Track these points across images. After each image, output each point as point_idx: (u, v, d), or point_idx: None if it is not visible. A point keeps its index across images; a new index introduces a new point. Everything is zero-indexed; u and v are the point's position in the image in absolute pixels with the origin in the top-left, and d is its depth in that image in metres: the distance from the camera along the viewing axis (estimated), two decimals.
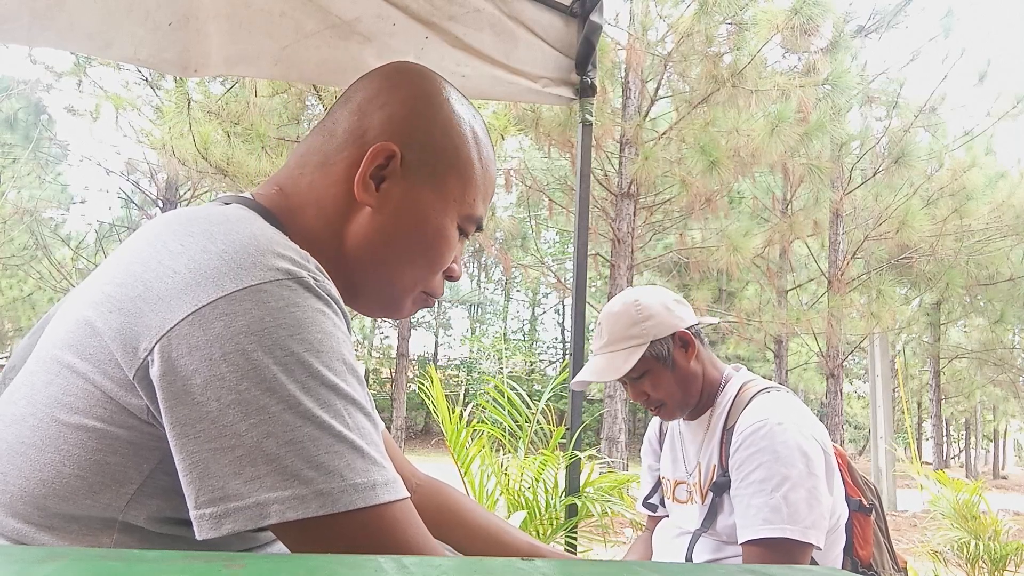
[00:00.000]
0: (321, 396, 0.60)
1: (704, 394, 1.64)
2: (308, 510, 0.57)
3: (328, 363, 0.62)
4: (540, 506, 3.14)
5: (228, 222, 0.68)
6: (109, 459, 0.62)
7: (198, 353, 0.58)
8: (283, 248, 0.66)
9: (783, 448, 1.42)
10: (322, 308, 0.64)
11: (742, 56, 9.22)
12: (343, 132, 0.82)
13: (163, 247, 0.65)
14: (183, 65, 1.85)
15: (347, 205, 0.80)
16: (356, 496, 0.59)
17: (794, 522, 1.38)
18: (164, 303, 0.60)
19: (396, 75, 0.85)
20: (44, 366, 0.66)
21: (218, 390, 0.58)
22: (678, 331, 1.59)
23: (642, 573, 0.41)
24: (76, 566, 0.35)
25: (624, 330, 1.58)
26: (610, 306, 1.65)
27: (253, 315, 0.60)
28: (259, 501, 0.57)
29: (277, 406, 0.58)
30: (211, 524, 0.57)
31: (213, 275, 0.61)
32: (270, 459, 0.57)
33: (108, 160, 21.32)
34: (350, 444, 0.61)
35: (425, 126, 0.82)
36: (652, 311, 1.59)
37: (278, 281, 0.62)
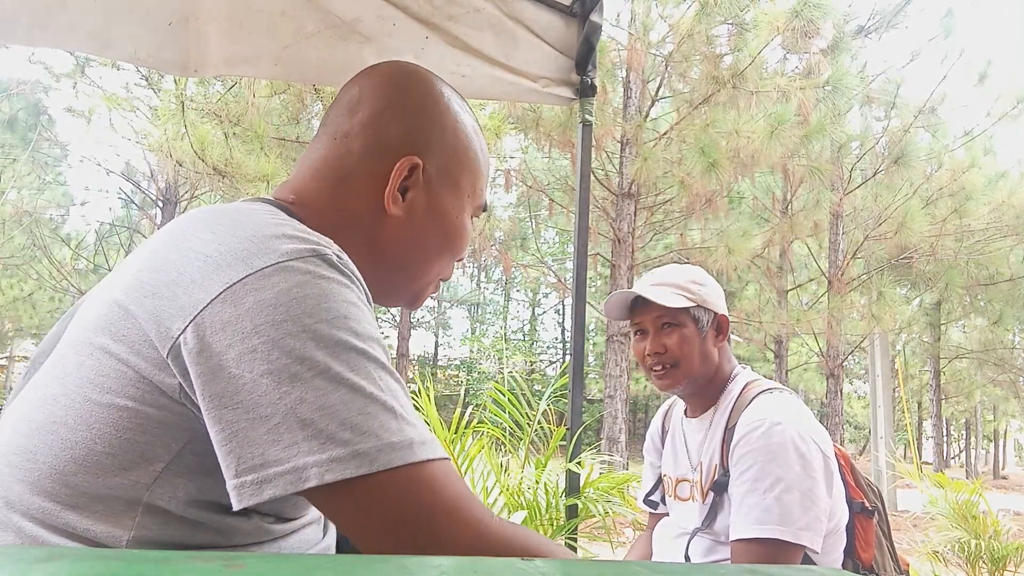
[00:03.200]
0: (351, 360, 0.62)
1: (713, 385, 1.64)
2: (346, 471, 0.58)
3: (355, 329, 0.64)
4: (540, 506, 3.13)
5: (255, 212, 0.72)
6: (139, 438, 0.63)
7: (230, 328, 0.61)
8: (306, 233, 0.69)
9: (779, 448, 1.43)
10: (346, 282, 0.67)
11: (743, 57, 9.23)
12: (361, 148, 0.83)
13: (195, 236, 0.68)
14: (183, 65, 1.85)
15: (375, 217, 0.83)
16: (394, 454, 0.60)
17: (785, 523, 1.38)
18: (196, 285, 0.63)
19: (403, 82, 0.87)
20: (75, 349, 0.68)
21: (251, 362, 0.60)
22: (721, 314, 1.64)
23: (642, 573, 0.41)
24: (76, 566, 0.35)
25: (682, 281, 1.62)
26: (678, 266, 1.70)
27: (280, 288, 0.62)
28: (297, 465, 0.58)
29: (308, 372, 0.60)
30: (252, 491, 0.58)
31: (242, 255, 0.64)
32: (305, 424, 0.59)
33: (108, 161, 21.32)
34: (382, 405, 0.62)
35: (439, 134, 0.86)
36: (710, 284, 1.65)
37: (303, 258, 0.65)
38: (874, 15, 12.73)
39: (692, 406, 1.70)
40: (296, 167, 0.87)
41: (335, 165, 0.84)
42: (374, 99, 0.85)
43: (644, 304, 1.63)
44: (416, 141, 0.84)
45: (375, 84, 0.87)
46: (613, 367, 9.99)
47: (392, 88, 0.86)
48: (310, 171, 0.85)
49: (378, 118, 0.84)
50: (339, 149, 0.84)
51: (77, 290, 14.48)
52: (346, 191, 0.83)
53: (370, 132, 0.84)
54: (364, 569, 0.38)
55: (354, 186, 0.83)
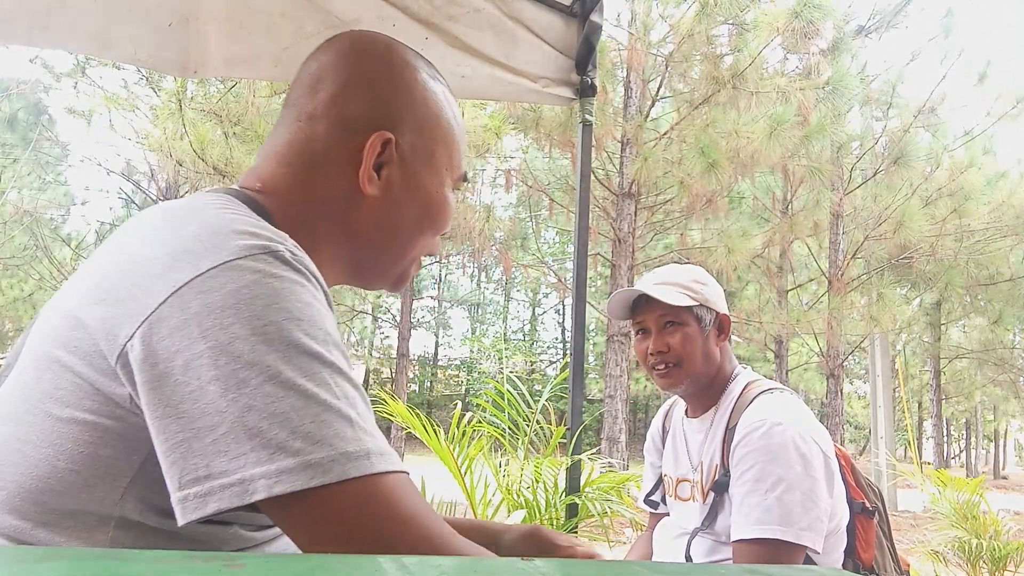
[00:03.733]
0: (303, 365, 0.58)
1: (714, 385, 1.64)
2: (297, 483, 0.55)
3: (309, 332, 0.60)
4: (540, 506, 3.14)
5: (204, 208, 0.68)
6: (101, 452, 0.61)
7: (178, 334, 0.58)
8: (257, 228, 0.65)
9: (780, 449, 1.43)
10: (299, 280, 0.63)
11: (743, 57, 9.23)
12: (327, 128, 0.79)
13: (142, 237, 0.66)
14: (183, 65, 1.85)
15: (350, 199, 0.79)
16: (349, 465, 0.57)
17: (786, 524, 1.38)
18: (143, 289, 0.60)
19: (364, 53, 0.82)
20: (35, 362, 0.66)
21: (198, 368, 0.57)
22: (723, 313, 1.65)
23: (642, 573, 0.41)
24: (76, 566, 0.35)
25: (684, 281, 1.63)
26: (678, 266, 1.71)
27: (228, 289, 0.59)
28: (244, 477, 0.55)
29: (257, 378, 0.56)
30: (196, 504, 0.55)
31: (188, 256, 0.61)
32: (253, 433, 0.55)
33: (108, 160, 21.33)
34: (337, 412, 0.58)
35: (409, 106, 0.81)
36: (711, 284, 1.67)
37: (253, 256, 0.61)
38: (874, 15, 12.73)
39: (693, 406, 1.70)
40: (260, 153, 0.83)
41: (302, 149, 0.79)
42: (335, 75, 0.80)
43: (647, 303, 1.63)
44: (385, 115, 0.80)
45: (334, 59, 0.82)
46: (613, 367, 9.99)
47: (353, 61, 0.81)
48: (276, 157, 0.80)
49: (341, 95, 0.79)
50: (304, 132, 0.80)
51: None
52: (316, 175, 0.79)
53: (335, 111, 0.79)
54: (364, 569, 0.39)
55: (324, 169, 0.79)
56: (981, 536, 4.96)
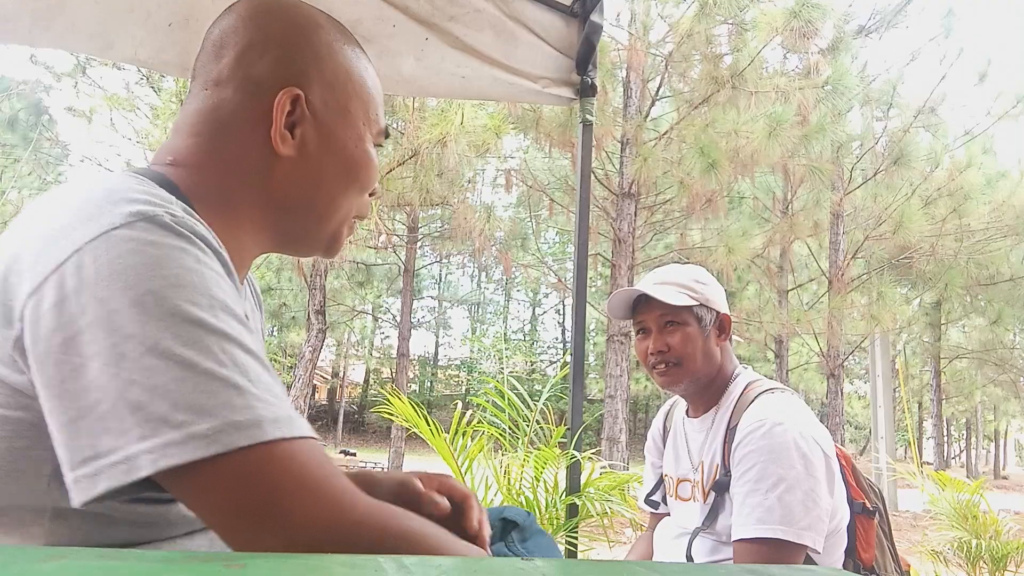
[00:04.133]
0: (184, 333, 0.56)
1: (715, 385, 1.65)
2: (183, 455, 0.53)
3: (191, 298, 0.58)
4: (540, 506, 3.14)
5: (89, 182, 0.66)
6: (16, 444, 0.60)
7: (56, 311, 0.56)
8: (137, 194, 0.63)
9: (781, 448, 1.43)
10: (181, 244, 0.60)
11: (742, 57, 9.23)
12: (233, 92, 0.77)
13: (30, 219, 0.65)
14: (183, 66, 1.85)
15: (265, 161, 0.77)
16: (237, 435, 0.55)
17: (788, 523, 1.38)
18: (30, 269, 0.59)
19: (263, 13, 0.81)
20: None
21: (78, 345, 0.55)
22: (724, 313, 1.66)
23: (642, 573, 0.41)
24: (76, 566, 0.35)
25: (684, 280, 1.64)
26: (679, 266, 1.72)
27: (102, 261, 0.57)
28: (129, 454, 0.53)
29: (136, 350, 0.55)
30: (86, 485, 0.54)
31: (66, 231, 0.59)
32: (136, 408, 0.54)
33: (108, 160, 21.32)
34: (224, 381, 0.56)
35: (314, 61, 0.80)
36: (712, 284, 1.67)
37: (129, 224, 0.59)
38: (874, 15, 12.73)
39: (694, 406, 1.70)
40: (172, 128, 0.81)
41: (210, 116, 0.77)
42: (237, 37, 0.78)
43: (647, 303, 1.64)
44: (291, 72, 0.78)
45: (236, 22, 0.80)
46: (613, 367, 9.99)
47: (255, 22, 0.79)
48: (185, 128, 0.78)
49: (245, 56, 0.77)
50: (211, 99, 0.77)
51: None
52: (227, 141, 0.77)
53: (240, 73, 0.77)
54: (365, 569, 0.39)
55: (235, 135, 0.77)
56: (981, 536, 4.96)
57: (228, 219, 0.75)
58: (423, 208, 13.32)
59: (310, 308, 10.96)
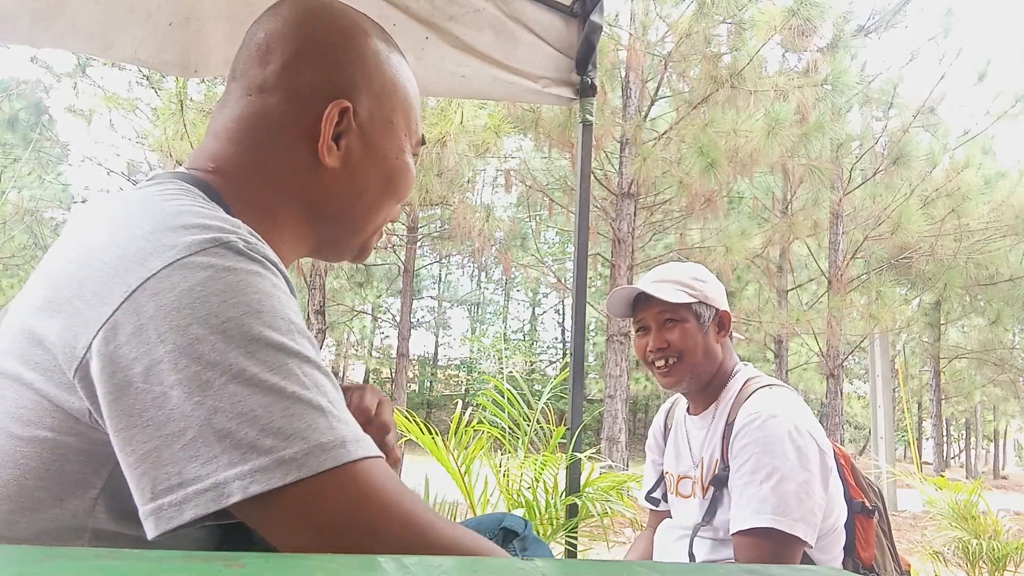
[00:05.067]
0: (268, 359, 0.56)
1: (716, 381, 1.65)
2: (272, 480, 0.53)
3: (271, 323, 0.58)
4: (540, 506, 3.13)
5: (151, 201, 0.65)
6: (66, 468, 0.60)
7: (135, 340, 0.55)
8: (208, 219, 0.62)
9: (775, 440, 1.44)
10: (256, 269, 0.60)
11: (741, 57, 9.23)
12: (280, 100, 0.76)
13: (91, 240, 0.63)
14: (183, 65, 1.85)
15: (308, 171, 0.77)
16: (324, 456, 0.55)
17: (781, 513, 1.39)
18: (98, 297, 0.58)
19: (313, 19, 0.79)
20: None
21: (159, 374, 0.55)
22: (723, 310, 1.66)
23: (642, 573, 0.41)
24: (75, 566, 0.35)
25: (683, 278, 1.65)
26: (679, 263, 1.73)
27: (182, 288, 0.56)
28: (218, 481, 0.53)
29: (221, 378, 0.54)
30: (172, 513, 0.53)
31: (139, 257, 0.58)
32: (223, 435, 0.53)
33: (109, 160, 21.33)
34: (308, 404, 0.56)
35: (363, 72, 0.79)
36: (711, 281, 1.68)
37: (204, 250, 0.59)
38: (873, 14, 12.73)
39: (695, 403, 1.70)
40: (209, 129, 0.79)
41: (254, 123, 0.76)
42: (285, 44, 0.77)
43: (646, 300, 1.64)
44: (340, 83, 0.77)
45: (283, 27, 0.78)
46: (613, 367, 9.99)
47: (303, 29, 0.78)
48: (226, 133, 0.76)
49: (294, 64, 0.76)
50: (256, 106, 0.76)
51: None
52: (271, 150, 0.76)
53: (287, 81, 0.76)
54: (365, 569, 0.38)
55: (280, 143, 0.76)
56: (981, 536, 4.96)
57: (268, 227, 0.73)
58: (423, 208, 13.33)
59: (309, 308, 10.97)
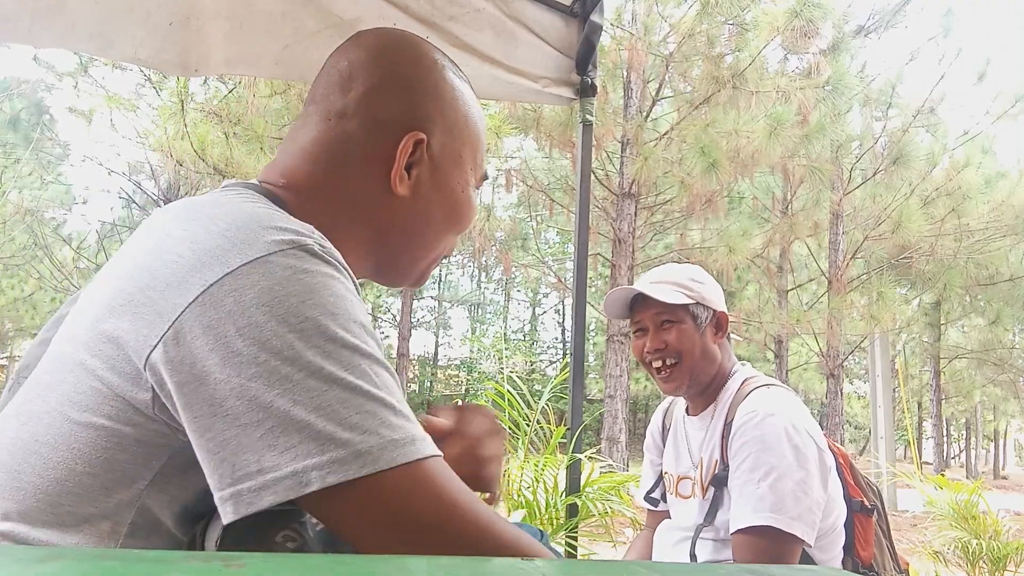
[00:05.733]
0: (343, 358, 0.59)
1: (714, 382, 1.65)
2: (349, 471, 0.56)
3: (344, 325, 0.61)
4: (540, 506, 3.13)
5: (229, 204, 0.68)
6: (118, 456, 0.61)
7: (212, 332, 0.58)
8: (284, 222, 0.65)
9: (772, 438, 1.44)
10: (331, 272, 0.63)
11: (743, 57, 9.23)
12: (359, 127, 0.79)
13: (167, 236, 0.65)
14: (183, 65, 1.85)
15: (378, 198, 0.80)
16: (397, 452, 0.58)
17: (778, 511, 1.39)
18: (172, 288, 0.60)
19: (395, 52, 0.83)
20: (57, 364, 0.66)
21: (237, 366, 0.57)
22: (720, 311, 1.66)
23: (642, 573, 0.41)
24: (76, 566, 0.35)
25: (680, 279, 1.65)
26: (676, 265, 1.73)
27: (262, 286, 0.59)
28: (296, 469, 0.55)
29: (300, 373, 0.57)
30: (251, 498, 0.56)
31: (217, 253, 0.61)
32: (302, 426, 0.56)
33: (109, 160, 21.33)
34: (381, 401, 0.60)
35: (439, 106, 0.82)
36: (708, 282, 1.68)
37: (283, 251, 0.61)
38: (873, 15, 12.73)
39: (693, 404, 1.71)
40: (283, 148, 0.83)
41: (332, 147, 0.79)
42: (367, 74, 0.81)
43: (643, 301, 1.65)
44: (417, 116, 0.81)
45: (366, 57, 0.82)
46: (613, 367, 9.99)
47: (385, 60, 0.82)
48: (302, 153, 0.80)
49: (374, 94, 0.80)
50: (335, 130, 0.80)
51: (78, 290, 14.43)
52: (345, 173, 0.79)
53: (367, 110, 0.80)
54: (365, 569, 0.38)
55: (354, 168, 0.79)
56: (981, 536, 4.96)
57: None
58: None
59: None
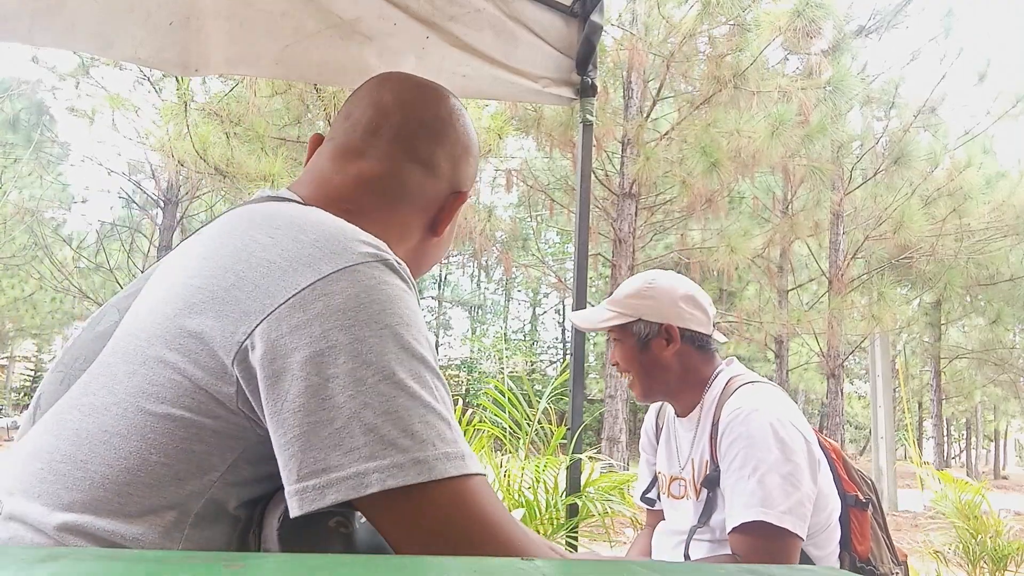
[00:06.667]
0: (413, 368, 0.63)
1: (692, 389, 1.64)
2: (407, 477, 0.59)
3: (416, 336, 0.66)
4: (540, 506, 3.14)
5: (312, 214, 0.74)
6: (195, 447, 0.64)
7: (299, 332, 0.61)
8: (366, 236, 0.71)
9: (758, 433, 1.43)
10: (406, 288, 0.69)
11: (744, 57, 9.22)
12: (420, 177, 0.89)
13: (252, 240, 0.69)
14: (184, 65, 1.85)
15: (417, 235, 0.91)
16: (449, 465, 0.61)
17: (768, 506, 1.38)
18: (261, 290, 0.64)
19: (462, 118, 0.95)
20: (125, 358, 0.68)
21: (318, 365, 0.60)
22: (667, 323, 1.62)
23: (642, 573, 0.41)
24: (76, 566, 0.35)
25: (624, 297, 1.66)
26: (643, 273, 1.73)
27: (349, 293, 0.64)
28: (359, 471, 0.58)
29: (374, 377, 0.61)
30: (314, 495, 0.58)
31: (308, 260, 0.66)
32: (368, 429, 0.59)
33: (109, 160, 21.32)
34: (439, 415, 0.63)
35: (474, 166, 0.96)
36: (657, 296, 1.64)
37: (368, 263, 0.67)
38: (874, 15, 12.72)
39: (679, 407, 1.70)
40: (339, 173, 0.88)
41: (394, 186, 0.88)
42: (431, 135, 0.91)
43: None
44: (465, 176, 0.94)
45: (429, 116, 0.92)
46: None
47: (445, 124, 0.93)
48: (362, 183, 0.87)
49: (437, 152, 0.91)
50: (398, 173, 0.88)
51: (78, 290, 14.46)
52: (403, 211, 0.88)
53: (429, 164, 0.90)
54: (364, 569, 0.39)
55: (411, 208, 0.89)
56: (982, 536, 4.96)
57: None
58: None
59: None
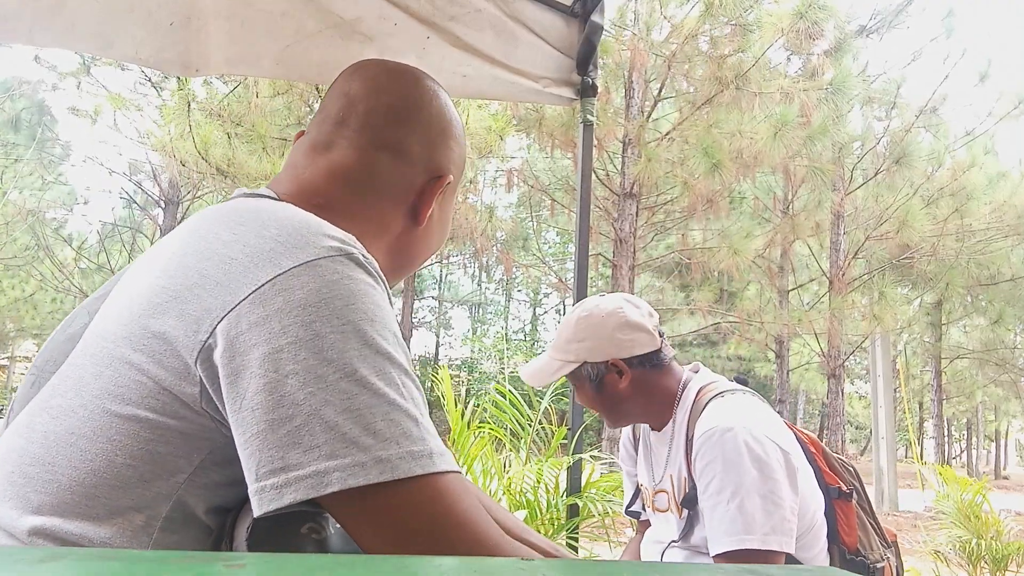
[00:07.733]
0: (377, 365, 0.61)
1: (661, 406, 1.61)
2: (368, 476, 0.57)
3: (381, 333, 0.63)
4: (541, 506, 3.13)
5: (276, 210, 0.71)
6: (160, 449, 0.62)
7: (259, 328, 0.60)
8: (331, 230, 0.68)
9: (733, 455, 1.39)
10: (371, 282, 0.66)
11: (746, 58, 9.22)
12: (391, 164, 0.85)
13: (215, 238, 0.67)
14: (184, 65, 1.85)
15: (398, 225, 0.87)
16: (414, 463, 0.59)
17: (750, 531, 1.35)
18: (223, 287, 0.62)
19: (423, 99, 0.89)
20: (93, 359, 0.67)
21: (276, 362, 0.59)
22: (612, 359, 1.56)
23: (642, 573, 0.41)
24: (76, 566, 0.35)
25: (564, 343, 1.60)
26: (575, 308, 1.65)
27: (310, 288, 0.61)
28: (319, 470, 0.57)
29: (335, 375, 0.59)
30: (273, 495, 0.57)
31: (269, 255, 0.64)
32: (329, 427, 0.58)
33: (111, 160, 21.35)
34: (405, 412, 0.61)
35: (457, 149, 0.91)
36: (592, 334, 1.57)
37: (331, 257, 0.64)
38: (875, 15, 12.72)
39: (652, 424, 1.67)
40: (309, 167, 0.85)
41: (364, 177, 0.84)
42: (417, 119, 0.87)
43: None
44: (446, 162, 0.89)
45: (396, 100, 0.87)
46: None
47: (431, 107, 0.89)
48: (332, 176, 0.84)
49: (407, 137, 0.86)
50: (368, 162, 0.84)
51: (79, 290, 14.46)
52: (377, 202, 0.85)
53: (399, 150, 0.86)
54: (364, 569, 0.38)
55: (385, 197, 0.85)
56: (982, 536, 4.96)
57: None
58: None
59: None
